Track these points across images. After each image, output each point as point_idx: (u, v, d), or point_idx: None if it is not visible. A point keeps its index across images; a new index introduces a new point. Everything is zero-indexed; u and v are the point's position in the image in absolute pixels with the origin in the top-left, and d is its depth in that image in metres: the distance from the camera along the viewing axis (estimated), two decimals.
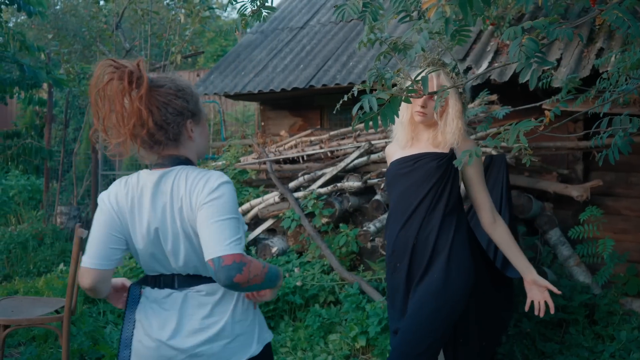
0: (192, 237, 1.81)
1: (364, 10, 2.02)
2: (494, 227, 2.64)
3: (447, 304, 2.53)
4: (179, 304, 1.85)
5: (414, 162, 2.65)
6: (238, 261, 1.69)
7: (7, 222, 8.96)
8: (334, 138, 5.57)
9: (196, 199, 1.77)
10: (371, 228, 4.53)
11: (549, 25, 1.68)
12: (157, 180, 1.84)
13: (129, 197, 1.87)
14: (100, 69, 1.77)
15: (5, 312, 3.56)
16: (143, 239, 1.86)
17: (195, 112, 1.91)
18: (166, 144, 1.85)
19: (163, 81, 1.87)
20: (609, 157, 2.36)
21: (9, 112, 13.13)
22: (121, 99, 1.75)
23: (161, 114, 1.81)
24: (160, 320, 1.85)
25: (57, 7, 17.03)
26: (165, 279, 1.89)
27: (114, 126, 1.77)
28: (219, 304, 1.86)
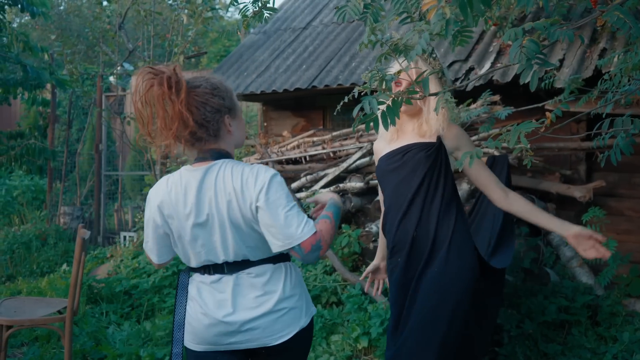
0: (241, 228, 1.92)
1: (364, 11, 2.02)
2: (508, 202, 2.55)
3: (450, 299, 2.44)
4: (231, 285, 1.97)
5: (402, 155, 2.59)
6: (314, 242, 1.88)
7: (10, 222, 8.99)
8: (337, 139, 5.57)
9: (250, 195, 1.89)
10: (373, 229, 4.53)
11: (550, 27, 1.67)
12: (202, 175, 1.95)
13: (172, 195, 1.98)
14: (140, 77, 1.89)
15: (8, 313, 3.57)
16: (191, 232, 1.96)
17: (231, 107, 2.03)
18: (207, 140, 1.97)
19: (198, 81, 1.99)
20: (611, 158, 2.35)
21: (12, 112, 13.17)
22: (162, 104, 1.86)
23: (200, 113, 1.93)
24: (215, 300, 1.98)
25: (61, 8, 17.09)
26: (214, 267, 2.00)
27: (159, 130, 1.89)
28: (268, 282, 1.98)
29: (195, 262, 2.03)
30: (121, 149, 10.43)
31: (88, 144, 10.46)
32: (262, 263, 1.99)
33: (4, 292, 5.78)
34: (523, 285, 4.00)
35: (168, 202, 1.99)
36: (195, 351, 2.05)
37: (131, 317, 4.90)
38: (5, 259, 6.85)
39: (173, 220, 1.99)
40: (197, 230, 1.96)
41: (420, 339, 2.45)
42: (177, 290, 2.08)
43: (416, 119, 2.61)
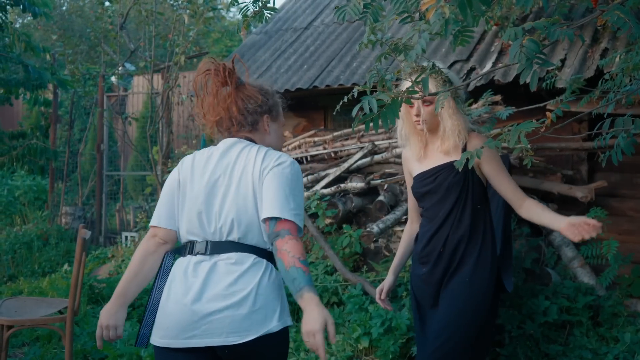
0: (245, 198, 1.97)
1: (364, 11, 2.02)
2: (525, 211, 2.60)
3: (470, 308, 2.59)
4: (205, 271, 1.94)
5: (433, 179, 2.69)
6: (287, 228, 1.88)
7: (12, 222, 9.00)
8: (338, 139, 5.56)
9: (265, 165, 1.99)
10: (374, 229, 4.52)
11: (550, 26, 1.67)
12: (230, 145, 2.10)
13: (195, 160, 2.11)
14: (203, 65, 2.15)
15: (9, 313, 3.57)
16: (196, 195, 2.03)
17: (272, 109, 2.21)
18: (243, 126, 2.13)
19: (253, 83, 2.22)
20: (612, 158, 2.35)
21: (14, 112, 13.18)
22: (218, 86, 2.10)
23: (244, 104, 2.13)
24: (185, 286, 1.94)
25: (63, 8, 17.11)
26: (198, 245, 2.00)
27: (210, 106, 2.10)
28: (246, 273, 1.93)
29: (187, 232, 2.04)
30: (123, 149, 10.43)
31: (90, 144, 10.47)
32: (245, 250, 1.97)
33: (6, 292, 5.78)
34: (524, 286, 3.99)
35: (189, 166, 2.11)
36: (156, 346, 1.99)
37: (132, 318, 4.89)
38: (7, 259, 6.85)
39: (186, 182, 2.07)
40: (203, 191, 2.01)
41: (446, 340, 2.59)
42: (158, 273, 2.07)
43: (437, 134, 2.68)
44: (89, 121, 10.25)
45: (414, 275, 2.82)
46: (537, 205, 2.58)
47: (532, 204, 2.59)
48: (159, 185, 7.62)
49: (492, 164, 2.61)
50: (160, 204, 2.12)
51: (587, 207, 4.40)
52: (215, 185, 2.02)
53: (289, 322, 2.03)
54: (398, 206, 4.80)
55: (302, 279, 1.83)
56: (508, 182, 2.63)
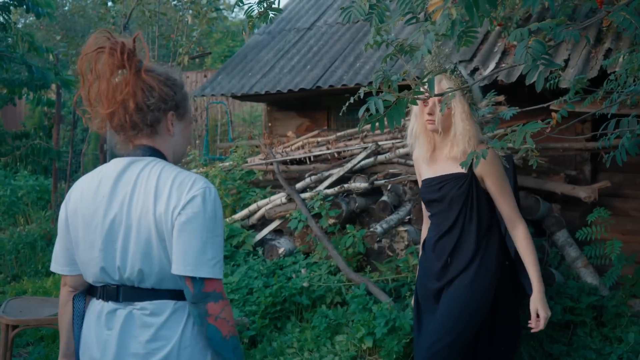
0: (148, 239, 1.63)
1: (370, 12, 2.02)
2: (512, 235, 2.69)
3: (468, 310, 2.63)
4: (120, 323, 1.66)
5: (439, 188, 2.72)
6: (219, 291, 1.61)
7: (15, 222, 9.01)
8: (341, 139, 5.57)
9: (174, 205, 1.61)
10: (378, 229, 4.53)
11: (556, 27, 1.67)
12: (123, 167, 1.70)
13: (83, 192, 1.73)
14: (94, 39, 1.70)
15: (13, 312, 3.58)
16: (91, 240, 1.68)
17: (180, 105, 1.79)
18: (141, 129, 1.72)
19: (155, 67, 1.78)
20: (617, 158, 2.35)
21: (17, 113, 13.21)
22: (112, 70, 1.67)
23: (144, 96, 1.70)
24: (101, 343, 1.68)
25: (65, 9, 17.13)
26: (109, 290, 1.70)
27: (102, 96, 1.68)
28: (164, 326, 1.66)
29: (91, 276, 1.73)
30: None
31: (93, 144, 10.50)
32: (161, 297, 1.67)
33: (10, 291, 5.80)
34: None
35: (77, 199, 1.73)
36: None
37: None
38: (10, 259, 6.86)
39: (77, 215, 1.72)
40: (100, 230, 1.67)
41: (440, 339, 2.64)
42: (73, 321, 1.79)
43: (447, 136, 2.69)
44: None
45: (419, 280, 2.86)
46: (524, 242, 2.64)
47: (522, 235, 2.65)
48: None
49: (496, 179, 2.63)
50: (56, 247, 1.81)
51: (590, 207, 4.40)
52: (112, 226, 1.66)
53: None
54: (401, 206, 4.81)
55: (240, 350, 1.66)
56: (506, 201, 2.66)
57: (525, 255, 2.64)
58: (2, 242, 7.32)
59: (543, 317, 2.56)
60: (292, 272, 4.66)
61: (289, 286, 4.45)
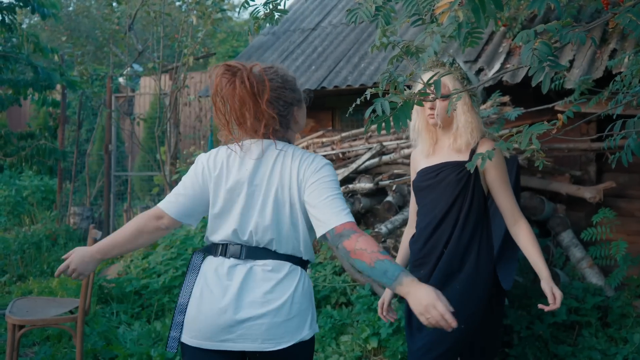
0: (283, 207, 1.93)
1: (376, 13, 2.03)
2: (513, 230, 2.62)
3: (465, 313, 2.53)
4: (242, 275, 1.91)
5: (436, 174, 2.65)
6: (348, 228, 1.82)
7: (21, 222, 9.04)
8: (346, 139, 5.58)
9: (304, 173, 1.92)
10: (383, 229, 4.53)
11: (562, 29, 1.68)
12: (265, 147, 1.97)
13: (230, 160, 1.99)
14: (218, 75, 1.92)
15: (20, 312, 3.59)
16: (232, 200, 1.96)
17: (299, 99, 2.05)
18: (278, 131, 1.99)
19: (270, 75, 1.97)
20: (622, 159, 2.35)
21: (22, 113, 13.25)
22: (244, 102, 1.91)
23: (274, 107, 1.95)
24: (221, 289, 1.91)
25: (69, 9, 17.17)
26: (232, 248, 1.96)
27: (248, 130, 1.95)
28: (282, 282, 1.92)
29: (220, 235, 1.98)
30: (130, 150, 10.48)
31: (97, 144, 10.52)
32: (281, 258, 1.94)
33: (16, 291, 5.82)
34: (533, 286, 3.99)
35: (222, 165, 1.99)
36: (187, 345, 1.97)
37: (141, 317, 4.92)
38: (16, 259, 6.89)
39: (221, 181, 1.98)
40: (243, 198, 1.94)
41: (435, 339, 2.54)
42: (187, 271, 2.03)
43: (449, 130, 2.65)
44: (96, 122, 10.29)
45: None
46: (528, 236, 2.58)
47: (525, 229, 2.59)
48: (166, 185, 7.65)
49: (498, 172, 2.60)
50: (179, 192, 2.04)
51: (595, 208, 4.40)
52: (253, 193, 1.95)
53: (317, 329, 2.04)
54: (406, 207, 4.81)
55: (394, 269, 1.76)
56: (508, 195, 2.61)
57: (532, 248, 2.56)
58: (7, 242, 7.35)
59: (559, 295, 2.45)
60: None
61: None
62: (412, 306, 1.74)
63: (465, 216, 2.59)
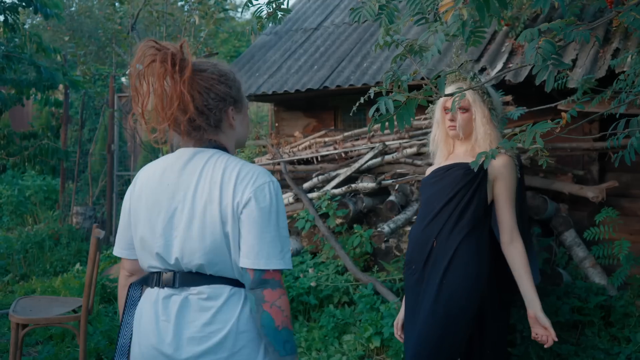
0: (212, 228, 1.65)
1: (380, 12, 2.03)
2: (508, 249, 2.62)
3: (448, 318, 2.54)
4: (176, 307, 1.68)
5: (444, 172, 2.68)
6: (277, 279, 1.63)
7: (23, 222, 9.06)
8: (348, 139, 5.58)
9: (239, 198, 1.64)
10: (385, 229, 4.53)
11: (566, 28, 1.68)
12: (189, 157, 1.73)
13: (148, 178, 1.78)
14: (141, 50, 1.68)
15: (23, 311, 3.60)
16: (155, 220, 1.72)
17: (237, 99, 1.82)
18: (206, 130, 1.75)
19: (205, 65, 1.78)
20: (625, 158, 2.35)
21: (25, 113, 13.26)
22: (162, 82, 1.65)
23: (203, 99, 1.72)
24: (157, 327, 1.70)
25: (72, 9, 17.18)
26: (166, 276, 1.72)
27: (155, 111, 1.68)
28: (221, 310, 1.67)
29: (147, 262, 1.76)
30: (133, 149, 10.49)
31: (100, 144, 10.52)
32: (218, 282, 1.69)
33: (19, 291, 5.83)
34: (536, 286, 3.99)
35: (142, 185, 1.78)
36: None
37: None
38: (18, 258, 6.90)
39: (140, 201, 1.76)
40: (163, 216, 1.71)
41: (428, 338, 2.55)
42: (125, 307, 1.82)
43: (468, 142, 2.69)
44: (99, 121, 10.30)
45: (405, 275, 2.77)
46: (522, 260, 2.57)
47: (520, 252, 2.58)
48: None
49: (506, 186, 2.61)
50: (118, 231, 1.86)
51: (598, 207, 4.40)
52: (175, 213, 1.70)
53: None
54: (409, 206, 4.81)
55: (293, 345, 1.65)
56: (509, 212, 2.61)
57: (523, 272, 2.57)
58: (10, 241, 7.36)
59: (550, 327, 2.50)
60: (300, 272, 4.67)
61: (297, 286, 4.47)
62: None
63: (462, 211, 2.58)
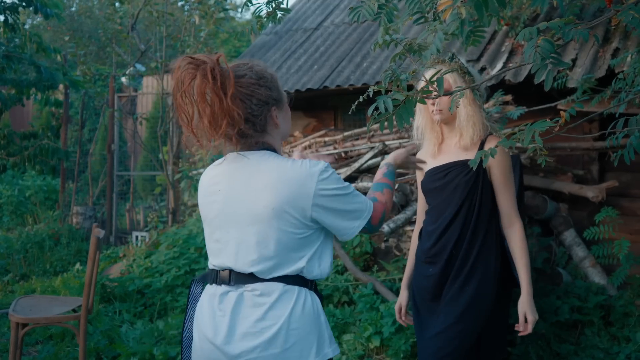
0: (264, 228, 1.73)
1: (379, 11, 2.03)
2: (507, 232, 2.62)
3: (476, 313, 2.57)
4: (232, 303, 1.75)
5: (444, 174, 2.65)
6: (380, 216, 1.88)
7: (23, 222, 9.06)
8: (348, 139, 5.58)
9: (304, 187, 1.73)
10: (385, 228, 4.53)
11: (565, 26, 1.68)
12: (238, 162, 1.79)
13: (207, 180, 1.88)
14: (179, 68, 1.70)
15: (23, 311, 3.60)
16: (213, 221, 1.82)
17: (278, 98, 1.83)
18: (253, 136, 1.78)
19: (242, 70, 1.78)
20: (625, 157, 2.35)
21: (25, 113, 13.26)
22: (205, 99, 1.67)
23: (246, 107, 1.74)
24: (213, 321, 1.77)
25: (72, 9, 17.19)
26: (222, 274, 1.80)
27: (206, 128, 1.70)
28: (274, 306, 1.72)
29: (211, 261, 1.87)
30: (133, 149, 10.50)
31: (100, 144, 10.54)
32: (271, 280, 1.74)
33: (19, 290, 5.83)
34: (535, 286, 3.99)
35: (204, 186, 1.88)
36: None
37: (144, 316, 4.93)
38: (18, 258, 6.91)
39: (203, 206, 1.86)
40: (218, 222, 1.80)
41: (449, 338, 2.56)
42: (188, 303, 1.92)
43: (453, 125, 2.66)
44: (99, 121, 10.31)
45: (418, 274, 2.75)
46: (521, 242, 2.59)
47: (519, 233, 2.59)
48: (169, 185, 7.67)
49: (500, 171, 2.59)
50: None
51: (598, 207, 4.40)
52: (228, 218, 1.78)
53: (330, 353, 1.79)
54: (408, 206, 4.81)
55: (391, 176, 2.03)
56: (508, 196, 2.61)
57: (520, 256, 2.57)
58: (10, 241, 7.37)
59: (531, 321, 2.51)
60: None
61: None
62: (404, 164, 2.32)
63: (476, 216, 2.59)
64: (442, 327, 2.57)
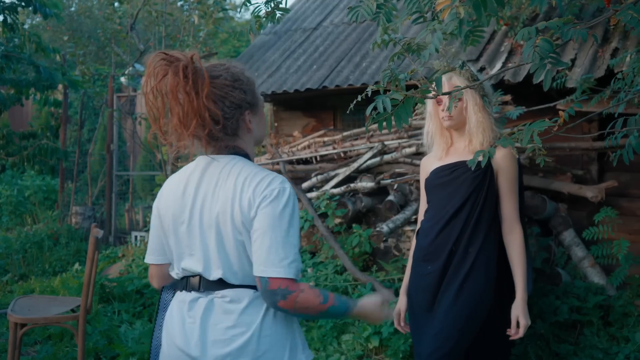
0: (229, 237, 1.67)
1: (377, 11, 2.03)
2: (507, 238, 2.63)
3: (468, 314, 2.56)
4: (202, 310, 1.70)
5: (451, 171, 2.66)
6: (284, 287, 1.60)
7: (23, 222, 9.06)
8: (347, 139, 5.57)
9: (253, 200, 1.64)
10: (384, 229, 4.53)
11: (564, 26, 1.68)
12: (205, 166, 1.74)
13: (172, 188, 1.79)
14: (152, 65, 1.64)
15: (22, 311, 3.60)
16: (177, 229, 1.75)
17: (252, 102, 1.79)
18: (223, 139, 1.73)
19: (218, 71, 1.73)
20: (624, 157, 2.34)
21: (24, 113, 13.26)
22: (176, 97, 1.62)
23: (218, 108, 1.68)
24: (183, 329, 1.72)
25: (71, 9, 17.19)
26: (193, 280, 1.75)
27: (174, 127, 1.65)
28: (244, 313, 1.67)
29: (176, 269, 1.80)
30: (132, 149, 10.49)
31: (99, 144, 10.53)
32: (240, 287, 1.69)
33: (17, 290, 5.83)
34: (535, 286, 3.99)
35: (168, 194, 1.79)
36: None
37: (143, 316, 4.93)
38: (17, 258, 6.90)
39: (168, 212, 1.78)
40: (186, 227, 1.73)
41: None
42: (157, 311, 1.86)
43: (463, 131, 2.67)
44: (98, 121, 10.31)
45: (415, 274, 2.74)
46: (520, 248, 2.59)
47: (519, 240, 2.60)
48: None
49: (508, 177, 2.61)
50: (149, 240, 1.89)
51: (597, 207, 4.40)
52: (196, 224, 1.72)
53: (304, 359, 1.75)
54: (408, 206, 4.81)
55: (340, 310, 1.69)
56: (512, 202, 2.62)
57: (517, 262, 2.58)
58: (9, 241, 7.36)
59: (523, 325, 2.51)
60: None
61: None
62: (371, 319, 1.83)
63: (479, 215, 2.60)
64: (439, 327, 2.57)
